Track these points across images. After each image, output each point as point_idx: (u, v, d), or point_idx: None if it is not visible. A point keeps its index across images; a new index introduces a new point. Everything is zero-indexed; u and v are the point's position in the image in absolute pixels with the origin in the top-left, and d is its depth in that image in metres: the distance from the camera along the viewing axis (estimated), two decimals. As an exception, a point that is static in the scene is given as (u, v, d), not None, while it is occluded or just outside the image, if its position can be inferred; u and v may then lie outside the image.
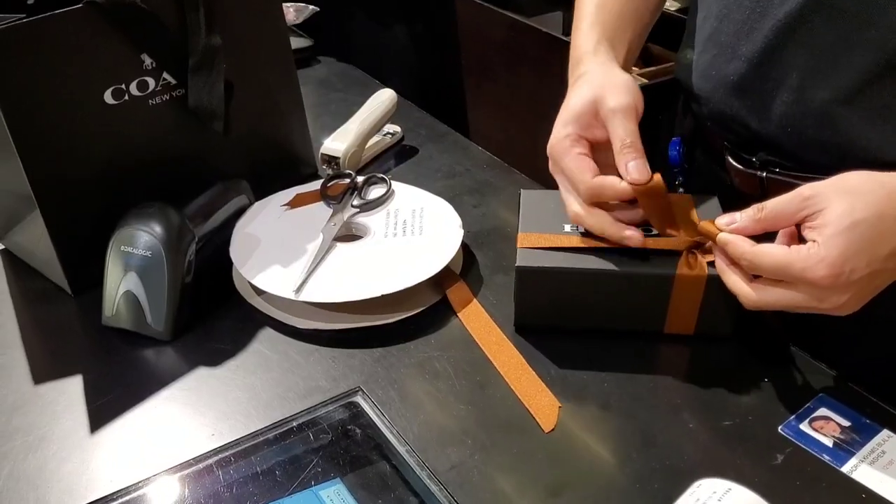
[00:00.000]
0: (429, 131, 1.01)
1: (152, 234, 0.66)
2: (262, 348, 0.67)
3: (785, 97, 0.65)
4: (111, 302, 0.68)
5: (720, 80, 0.70)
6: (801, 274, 0.54)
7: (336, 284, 0.69)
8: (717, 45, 0.70)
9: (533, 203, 0.71)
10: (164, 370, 0.65)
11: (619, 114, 0.62)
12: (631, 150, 0.61)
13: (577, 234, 0.66)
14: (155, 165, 0.75)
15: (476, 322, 0.69)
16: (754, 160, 0.70)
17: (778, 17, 0.64)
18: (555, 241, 0.66)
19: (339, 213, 0.77)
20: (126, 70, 0.71)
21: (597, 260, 0.64)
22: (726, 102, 0.70)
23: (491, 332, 0.68)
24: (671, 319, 0.66)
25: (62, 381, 0.64)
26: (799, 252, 0.55)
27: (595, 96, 0.64)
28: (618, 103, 0.63)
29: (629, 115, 0.63)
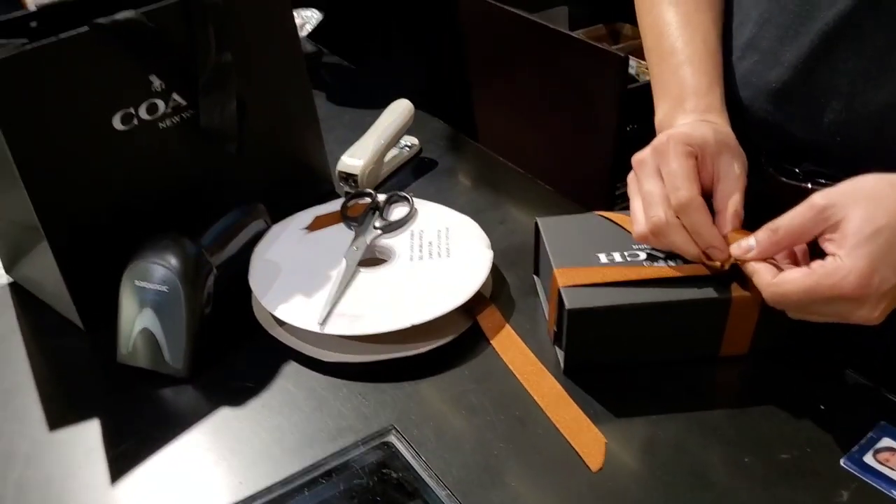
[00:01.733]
0: (447, 142, 0.97)
1: (168, 268, 0.63)
2: (287, 384, 0.64)
3: (834, 104, 0.62)
4: (127, 339, 0.64)
5: (761, 87, 0.67)
6: (831, 291, 0.52)
7: (363, 315, 0.65)
8: (758, 50, 0.66)
9: (555, 232, 0.68)
10: (185, 411, 0.62)
11: (742, 181, 0.60)
12: (740, 220, 0.60)
13: (617, 263, 0.63)
14: (168, 191, 0.72)
15: (511, 350, 0.66)
16: (798, 171, 0.66)
17: (825, 21, 0.60)
18: (600, 275, 0.62)
19: (361, 237, 0.74)
20: (134, 93, 0.68)
21: (649, 291, 0.61)
22: (768, 110, 0.67)
23: (527, 361, 0.65)
24: (727, 342, 0.63)
25: (79, 426, 0.61)
26: (824, 268, 0.52)
27: (727, 144, 0.61)
28: (742, 173, 0.61)
29: (742, 183, 0.61)
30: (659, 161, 0.60)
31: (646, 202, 0.61)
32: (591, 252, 0.64)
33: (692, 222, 0.59)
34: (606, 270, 0.62)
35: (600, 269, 0.62)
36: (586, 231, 0.67)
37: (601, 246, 0.65)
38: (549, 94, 1.88)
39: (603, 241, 0.66)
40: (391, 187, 0.89)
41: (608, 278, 0.61)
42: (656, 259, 0.63)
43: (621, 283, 0.61)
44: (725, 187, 0.60)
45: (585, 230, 0.68)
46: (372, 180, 0.87)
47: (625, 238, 0.65)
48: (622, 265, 0.63)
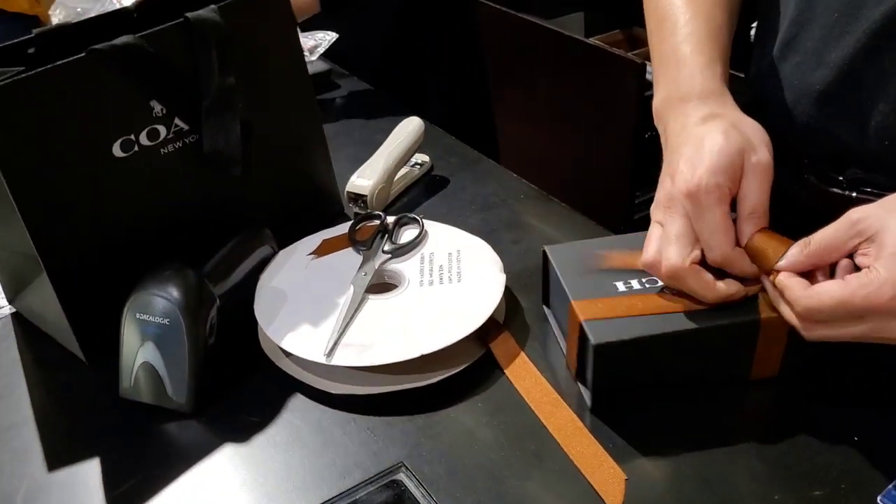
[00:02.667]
0: (459, 159, 0.95)
1: (169, 299, 0.61)
2: (294, 419, 0.62)
3: (881, 106, 0.59)
4: (128, 374, 0.62)
5: (803, 89, 0.64)
6: (866, 302, 0.49)
7: (370, 344, 0.63)
8: (799, 51, 0.64)
9: (566, 260, 0.64)
10: (188, 448, 0.60)
11: (760, 173, 0.56)
12: (759, 221, 0.56)
13: (636, 291, 0.60)
14: (170, 218, 0.70)
15: (526, 380, 0.63)
16: (841, 178, 0.63)
17: (873, 19, 0.57)
18: (623, 306, 0.59)
19: (369, 261, 0.72)
20: (135, 119, 0.66)
21: (674, 318, 0.58)
22: (810, 114, 0.64)
23: (543, 391, 0.62)
24: (757, 365, 0.60)
25: (79, 466, 0.59)
26: (859, 280, 0.49)
27: (743, 146, 0.56)
28: (761, 159, 0.56)
29: (768, 176, 0.56)
30: (690, 209, 0.56)
31: (665, 239, 0.57)
32: (607, 280, 0.61)
33: (697, 284, 0.56)
34: (628, 301, 0.59)
35: (621, 298, 0.59)
36: (599, 257, 0.65)
37: (616, 272, 0.62)
38: (565, 102, 1.86)
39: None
40: (402, 207, 0.87)
41: (632, 310, 0.58)
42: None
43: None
44: (745, 187, 0.56)
45: (598, 256, 0.65)
46: (382, 200, 0.85)
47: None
48: (642, 293, 0.60)
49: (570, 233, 0.81)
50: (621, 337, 0.57)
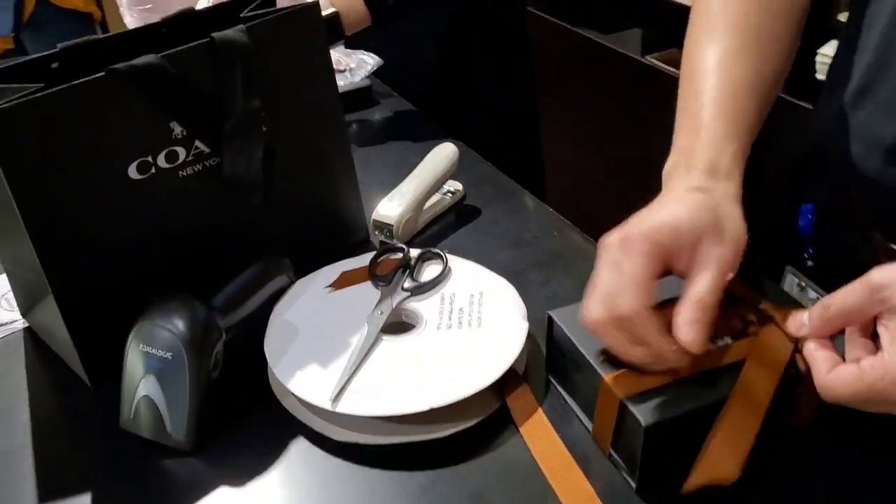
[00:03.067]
0: (494, 188, 0.91)
1: (173, 333, 0.58)
2: (294, 465, 0.59)
3: None
4: (129, 406, 0.60)
5: (875, 142, 0.59)
6: (881, 397, 0.46)
7: (379, 392, 0.60)
8: (873, 100, 0.59)
9: (579, 326, 0.56)
10: (183, 488, 0.58)
11: (718, 265, 0.52)
12: (705, 310, 0.51)
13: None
14: (186, 244, 0.68)
15: (541, 441, 0.59)
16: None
17: None
18: (655, 374, 0.54)
19: (387, 298, 0.69)
20: (153, 141, 0.64)
21: (714, 379, 0.54)
22: (880, 169, 0.59)
23: (557, 454, 0.58)
24: (796, 415, 0.57)
25: (70, 500, 0.57)
26: (874, 371, 0.46)
27: (708, 228, 0.52)
28: (724, 255, 0.52)
29: (725, 272, 0.52)
30: (620, 256, 0.53)
31: (591, 292, 0.54)
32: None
33: (635, 333, 0.52)
34: (665, 367, 0.54)
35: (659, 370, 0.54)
36: None
37: None
38: (617, 123, 1.81)
39: None
40: (429, 237, 0.84)
41: (666, 376, 0.54)
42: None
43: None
44: (695, 275, 0.52)
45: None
46: (408, 231, 0.81)
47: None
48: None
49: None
50: (671, 413, 0.52)
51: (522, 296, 0.69)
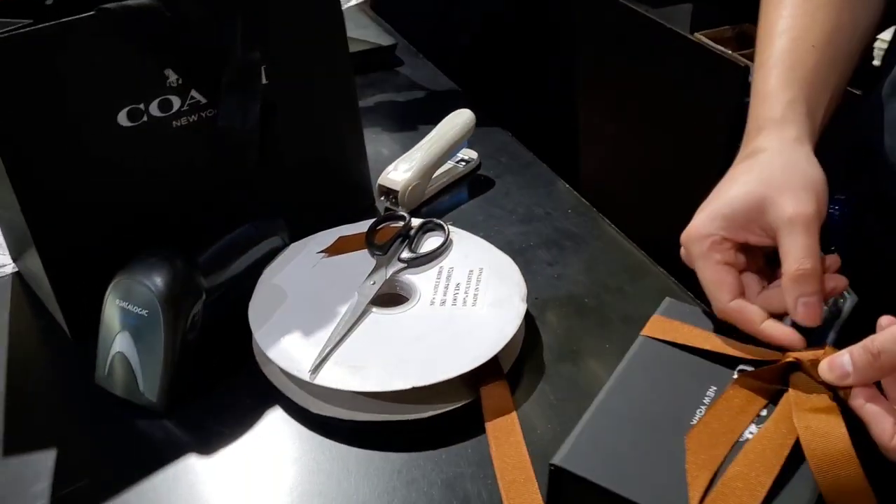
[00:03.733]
0: (510, 159, 0.87)
1: (151, 290, 0.56)
2: (268, 435, 0.56)
3: None
4: (104, 362, 0.58)
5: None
6: None
7: (361, 367, 0.57)
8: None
9: (602, 465, 0.45)
10: (151, 451, 0.56)
11: (798, 226, 0.48)
12: (809, 282, 0.47)
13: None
14: (178, 197, 0.65)
15: (505, 447, 0.54)
16: None
17: None
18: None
19: (382, 269, 0.65)
20: (146, 87, 0.61)
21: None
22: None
23: (518, 465, 0.52)
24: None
25: (33, 455, 0.55)
26: None
27: (765, 197, 0.49)
28: (797, 211, 0.48)
29: (811, 229, 0.48)
30: (691, 262, 0.52)
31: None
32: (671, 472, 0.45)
33: (739, 325, 0.50)
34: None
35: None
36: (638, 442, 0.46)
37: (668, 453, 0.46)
38: (659, 101, 1.74)
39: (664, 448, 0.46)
40: (436, 207, 0.80)
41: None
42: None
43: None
44: (781, 244, 0.49)
45: (636, 440, 0.47)
46: (415, 198, 0.78)
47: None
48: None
49: (613, 263, 0.72)
50: None
51: (527, 274, 0.65)
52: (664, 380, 0.50)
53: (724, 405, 0.47)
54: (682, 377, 0.50)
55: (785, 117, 0.52)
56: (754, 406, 0.47)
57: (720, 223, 0.50)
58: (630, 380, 0.50)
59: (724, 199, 0.51)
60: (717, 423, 0.46)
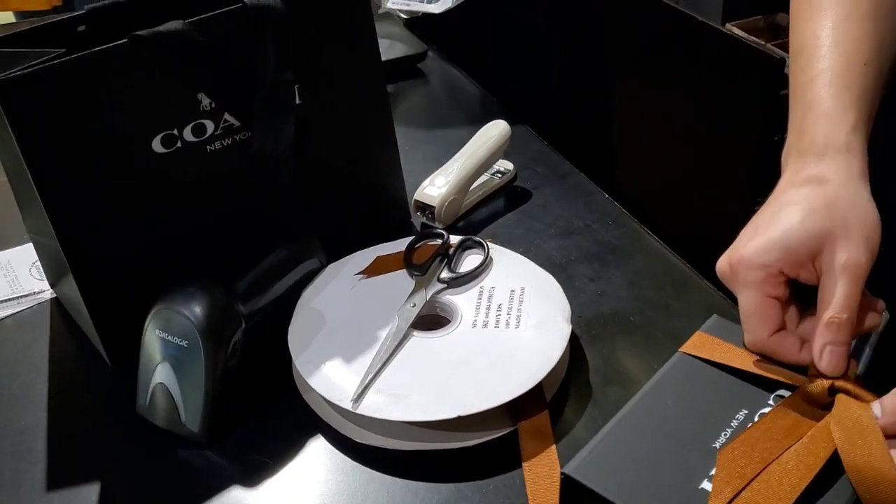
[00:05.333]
0: (547, 170, 0.85)
1: (190, 320, 0.55)
2: (311, 465, 0.56)
3: None
4: (145, 392, 0.58)
5: None
6: None
7: (404, 395, 0.56)
8: None
9: (611, 475, 0.45)
10: (195, 483, 0.55)
11: (848, 275, 0.47)
12: (839, 331, 0.47)
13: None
14: (213, 221, 0.65)
15: (541, 486, 0.51)
16: None
17: None
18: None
19: (421, 290, 0.64)
20: (179, 113, 0.60)
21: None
22: None
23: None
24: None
25: (78, 489, 0.55)
26: None
27: (827, 232, 0.47)
28: (851, 260, 0.47)
29: (860, 280, 0.47)
30: (734, 285, 0.51)
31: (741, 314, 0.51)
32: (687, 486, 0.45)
33: (776, 356, 0.50)
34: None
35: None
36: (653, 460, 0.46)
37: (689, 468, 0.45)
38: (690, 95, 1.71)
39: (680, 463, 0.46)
40: (474, 221, 0.78)
41: None
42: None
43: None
44: (824, 289, 0.48)
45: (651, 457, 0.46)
46: (452, 213, 0.77)
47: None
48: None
49: (658, 277, 0.70)
50: None
51: (569, 291, 0.64)
52: (694, 398, 0.49)
53: (768, 425, 0.46)
54: (713, 397, 0.49)
55: (850, 147, 0.50)
56: (798, 431, 0.46)
57: (779, 255, 0.48)
58: (658, 395, 0.50)
59: (784, 227, 0.49)
60: (756, 442, 0.45)
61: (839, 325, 0.46)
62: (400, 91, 1.02)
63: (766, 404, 0.48)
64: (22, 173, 0.57)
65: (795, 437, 0.45)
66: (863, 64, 0.52)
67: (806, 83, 0.53)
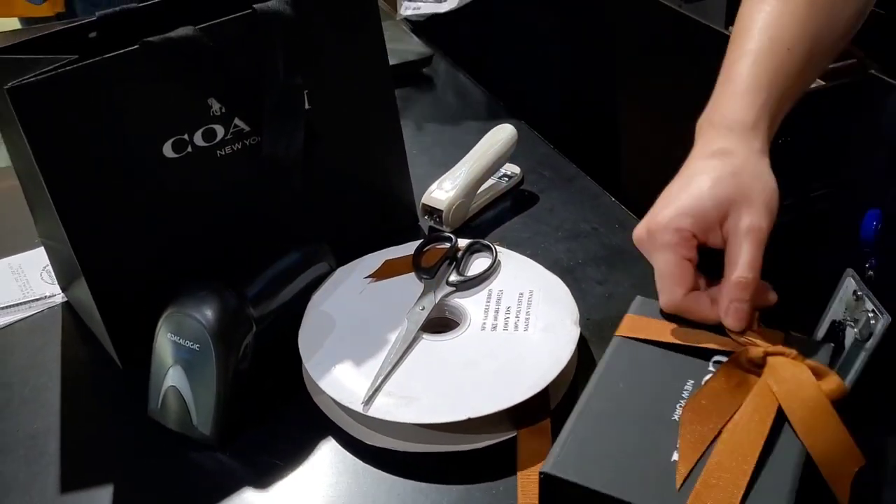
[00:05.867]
0: (553, 173, 0.85)
1: (202, 324, 0.55)
2: (322, 467, 0.56)
3: None
4: (156, 395, 0.58)
5: None
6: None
7: (414, 397, 0.56)
8: None
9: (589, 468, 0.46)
10: (207, 485, 0.55)
11: (752, 237, 0.50)
12: (743, 291, 0.51)
13: None
14: (223, 226, 0.65)
15: (528, 495, 0.52)
16: None
17: None
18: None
19: (430, 293, 0.64)
20: (190, 118, 0.61)
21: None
22: None
23: None
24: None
25: (91, 491, 0.55)
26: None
27: (733, 199, 0.51)
28: (755, 224, 0.50)
29: (761, 243, 0.51)
30: (650, 250, 0.54)
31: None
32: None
33: (689, 315, 0.53)
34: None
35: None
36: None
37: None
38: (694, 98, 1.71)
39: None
40: (481, 225, 0.79)
41: None
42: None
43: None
44: (730, 252, 0.52)
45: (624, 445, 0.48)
46: (459, 217, 0.77)
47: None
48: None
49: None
50: None
51: (577, 294, 0.64)
52: (643, 377, 0.52)
53: (714, 390, 0.49)
54: (659, 373, 0.52)
55: (756, 125, 0.54)
56: (741, 391, 0.49)
57: (692, 220, 0.52)
58: (609, 381, 0.52)
59: (695, 195, 0.52)
60: (708, 406, 0.48)
61: (745, 285, 0.50)
62: (406, 96, 1.03)
63: (707, 371, 0.51)
64: (34, 178, 0.58)
65: (741, 396, 0.49)
66: (786, 49, 0.55)
67: (732, 61, 0.56)
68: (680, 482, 0.44)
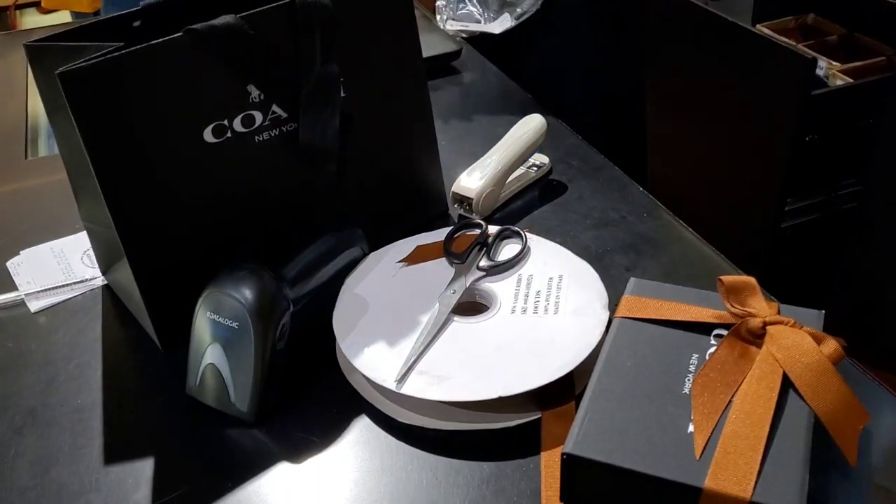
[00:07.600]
0: (581, 163, 0.86)
1: (241, 302, 0.57)
2: (356, 444, 0.57)
3: None
4: (195, 373, 0.60)
5: None
6: None
7: (445, 376, 0.57)
8: None
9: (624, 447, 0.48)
10: (244, 460, 0.57)
11: None
12: None
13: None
14: (260, 209, 0.67)
15: (550, 475, 0.53)
16: None
17: None
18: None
19: (461, 277, 0.66)
20: (230, 104, 0.63)
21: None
22: None
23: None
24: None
25: (133, 463, 0.57)
26: None
27: None
28: None
29: None
30: None
31: None
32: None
33: None
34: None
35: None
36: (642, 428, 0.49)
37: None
38: (722, 95, 1.72)
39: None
40: (510, 213, 0.80)
41: None
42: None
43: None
44: None
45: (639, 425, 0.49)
46: (489, 205, 0.78)
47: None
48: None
49: (693, 267, 0.72)
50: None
51: (605, 280, 0.65)
52: (648, 355, 0.54)
53: (720, 361, 0.51)
54: (664, 350, 0.54)
55: None
56: (746, 361, 0.51)
57: None
58: (617, 361, 0.53)
59: None
60: (716, 378, 0.50)
61: None
62: (436, 88, 1.04)
63: (709, 345, 0.54)
64: (81, 161, 0.60)
65: (746, 366, 0.51)
66: None
67: None
68: (699, 452, 0.46)
